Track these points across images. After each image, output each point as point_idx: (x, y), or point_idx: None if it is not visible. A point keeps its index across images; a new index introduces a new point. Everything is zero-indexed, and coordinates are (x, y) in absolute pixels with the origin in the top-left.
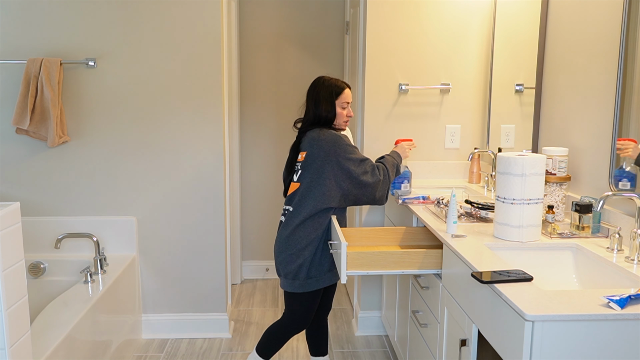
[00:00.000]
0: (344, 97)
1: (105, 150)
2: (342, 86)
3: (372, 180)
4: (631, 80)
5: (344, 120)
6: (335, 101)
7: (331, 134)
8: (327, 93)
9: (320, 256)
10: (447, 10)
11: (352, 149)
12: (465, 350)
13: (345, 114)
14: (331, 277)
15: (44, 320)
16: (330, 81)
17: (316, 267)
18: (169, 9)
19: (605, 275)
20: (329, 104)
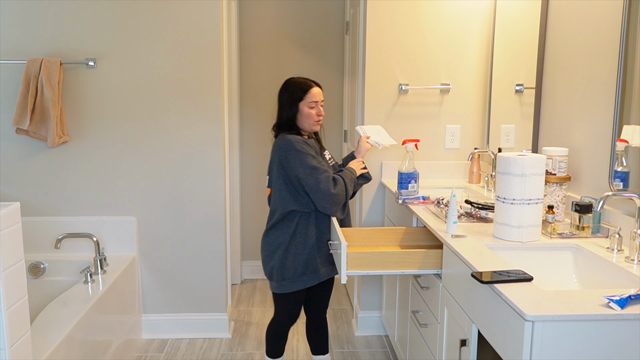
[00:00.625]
0: (311, 96)
1: (105, 150)
2: (308, 85)
3: (323, 188)
4: (631, 80)
5: (314, 120)
6: (301, 102)
7: (286, 139)
8: (290, 95)
9: (293, 259)
10: (447, 10)
11: (304, 155)
12: (465, 350)
13: (315, 113)
14: (307, 280)
15: (44, 320)
16: (297, 82)
17: (288, 269)
18: (169, 9)
19: (605, 275)
20: (290, 106)
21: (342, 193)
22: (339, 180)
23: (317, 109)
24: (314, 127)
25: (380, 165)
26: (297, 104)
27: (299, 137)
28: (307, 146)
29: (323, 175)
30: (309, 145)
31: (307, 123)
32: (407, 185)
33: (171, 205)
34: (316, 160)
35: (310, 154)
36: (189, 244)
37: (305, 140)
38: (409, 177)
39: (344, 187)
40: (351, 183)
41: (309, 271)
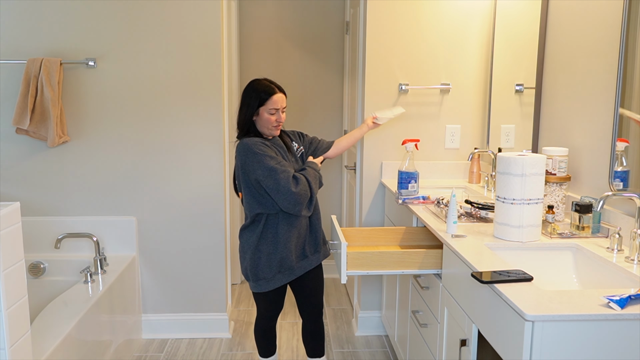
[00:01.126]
0: (272, 102)
1: (105, 150)
2: (271, 91)
3: (283, 188)
4: (631, 81)
5: (272, 126)
6: (261, 107)
7: (244, 143)
8: (249, 98)
9: (267, 259)
10: (447, 10)
11: (262, 157)
12: (465, 350)
13: (275, 119)
14: (282, 278)
15: (44, 320)
16: (261, 85)
17: (262, 269)
18: (169, 9)
19: (605, 275)
20: (248, 109)
21: (304, 191)
22: (300, 178)
23: (277, 115)
24: (273, 132)
25: (380, 165)
26: (257, 108)
27: (258, 139)
28: (265, 147)
29: (282, 175)
30: (268, 146)
31: (266, 127)
32: (407, 185)
33: (171, 205)
34: (275, 160)
35: (268, 154)
36: (189, 244)
37: (264, 142)
38: (409, 177)
39: (307, 184)
40: (315, 180)
41: (284, 269)
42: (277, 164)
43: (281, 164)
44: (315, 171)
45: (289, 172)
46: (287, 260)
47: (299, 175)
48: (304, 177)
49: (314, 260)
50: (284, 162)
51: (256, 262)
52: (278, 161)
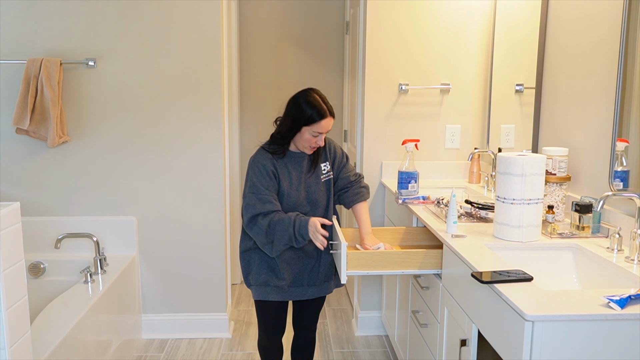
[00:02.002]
0: (319, 126)
1: (105, 150)
2: (322, 115)
3: (244, 216)
4: (631, 80)
5: (309, 146)
6: (306, 127)
7: (255, 155)
8: (297, 113)
9: (258, 266)
10: (447, 10)
11: (253, 179)
12: (465, 350)
13: (314, 141)
14: (269, 293)
15: (44, 320)
16: (312, 103)
17: (253, 275)
18: (169, 9)
19: (605, 275)
20: (294, 123)
21: (256, 237)
22: (260, 224)
23: (318, 138)
24: (305, 150)
25: (380, 165)
26: (301, 126)
27: (268, 157)
28: (266, 169)
29: (249, 207)
30: (267, 172)
31: (301, 144)
32: (407, 185)
33: (171, 205)
34: (259, 190)
35: (259, 181)
36: (189, 244)
37: (265, 167)
38: (409, 177)
39: (264, 235)
40: (281, 238)
41: (272, 284)
42: (256, 198)
43: (261, 197)
44: (291, 233)
45: (257, 210)
46: (276, 274)
47: (265, 221)
48: (267, 225)
49: (308, 292)
50: (265, 196)
51: (250, 266)
52: (260, 193)
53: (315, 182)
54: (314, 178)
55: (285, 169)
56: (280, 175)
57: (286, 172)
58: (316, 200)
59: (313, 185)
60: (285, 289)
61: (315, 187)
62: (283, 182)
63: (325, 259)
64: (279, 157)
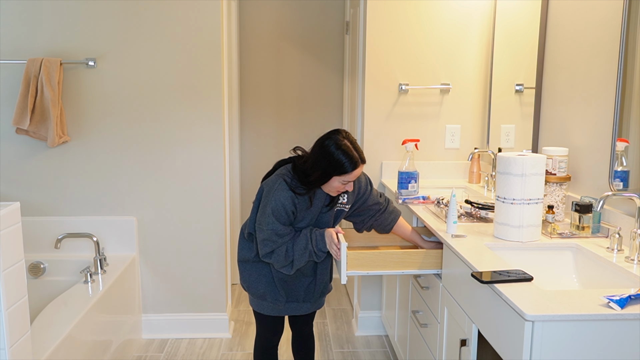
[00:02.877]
0: (350, 176)
1: (105, 150)
2: (354, 165)
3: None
4: (631, 80)
5: (336, 190)
6: (336, 176)
7: (275, 195)
8: (332, 163)
9: (256, 279)
10: (447, 10)
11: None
12: (465, 350)
13: (343, 188)
14: (267, 307)
15: (44, 320)
16: (345, 152)
17: (250, 286)
18: (169, 9)
19: (605, 275)
20: (325, 173)
21: (276, 262)
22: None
23: (347, 185)
24: (331, 194)
25: (380, 165)
26: (331, 176)
27: (284, 201)
28: (283, 213)
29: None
30: (286, 212)
31: (327, 189)
32: (407, 185)
33: (171, 205)
34: (276, 222)
35: (279, 214)
36: (189, 244)
37: (285, 207)
38: (409, 177)
39: (283, 259)
40: (301, 255)
41: (269, 299)
42: (275, 234)
43: (280, 233)
44: (310, 249)
45: (277, 244)
46: (272, 295)
47: (282, 248)
48: (285, 252)
49: (303, 307)
50: (284, 231)
51: (247, 276)
52: (279, 230)
53: (327, 213)
54: (327, 209)
55: (303, 205)
56: (298, 212)
57: (304, 207)
58: (322, 225)
59: (325, 215)
60: (281, 306)
61: (327, 216)
62: (299, 216)
63: (321, 277)
64: (301, 197)
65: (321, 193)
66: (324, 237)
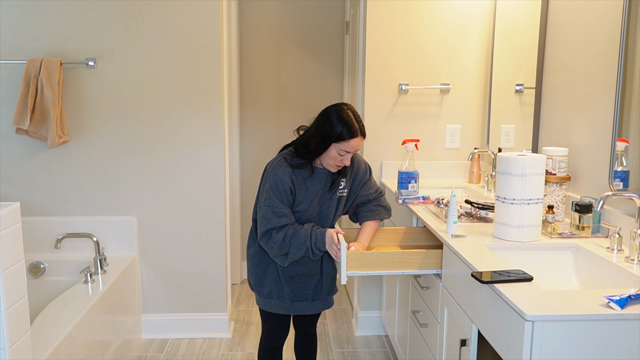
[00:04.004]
0: (348, 145)
1: (105, 150)
2: (351, 134)
3: (259, 229)
4: (631, 80)
5: (334, 163)
6: (334, 143)
7: (275, 165)
8: (331, 130)
9: (262, 276)
10: (447, 10)
11: (270, 191)
12: (465, 350)
13: (340, 160)
14: (274, 306)
15: (44, 320)
16: (345, 120)
17: (258, 284)
18: (169, 9)
19: (605, 275)
20: (324, 140)
21: (271, 250)
22: (275, 238)
23: (345, 157)
24: (330, 168)
25: (380, 165)
26: (330, 143)
27: (281, 176)
28: (284, 183)
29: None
30: (284, 187)
31: (326, 162)
32: (407, 185)
33: (171, 205)
34: (276, 203)
35: (278, 194)
36: (189, 244)
37: (283, 182)
38: (409, 177)
39: (279, 247)
40: (297, 250)
41: (275, 297)
42: (271, 211)
43: (276, 211)
44: (308, 246)
45: (273, 224)
46: (279, 288)
47: (280, 234)
48: (282, 239)
49: (312, 306)
50: (281, 210)
51: (253, 274)
52: (276, 207)
53: (330, 199)
54: (330, 193)
55: (303, 184)
56: (297, 190)
57: (304, 187)
58: (327, 214)
59: (327, 202)
60: (288, 304)
61: (329, 202)
62: (299, 196)
63: (327, 274)
64: (299, 171)
65: (322, 175)
66: (324, 237)
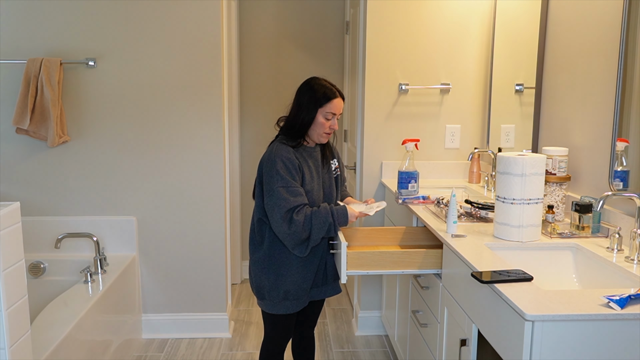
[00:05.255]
0: (332, 106)
1: (105, 150)
2: (333, 94)
3: (275, 218)
4: (631, 80)
5: (324, 132)
6: (319, 108)
7: (273, 150)
8: (307, 98)
9: (274, 281)
10: (447, 10)
11: (276, 176)
12: (465, 350)
13: (329, 125)
14: (289, 306)
15: (44, 320)
16: (321, 85)
17: (267, 290)
18: (169, 9)
19: (605, 275)
20: (309, 109)
21: (295, 234)
22: (297, 220)
23: (332, 121)
24: (322, 139)
25: (380, 165)
26: (315, 110)
27: (288, 151)
28: (289, 165)
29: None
30: (292, 165)
31: (316, 133)
32: (407, 185)
33: (171, 205)
34: (287, 185)
35: (286, 176)
36: (189, 244)
37: (290, 160)
38: (409, 177)
39: (304, 228)
40: (321, 227)
41: (292, 297)
42: (287, 191)
43: (291, 190)
44: (331, 222)
45: (291, 204)
46: (296, 288)
47: (301, 215)
48: (303, 219)
49: (323, 290)
50: (296, 189)
51: (261, 279)
52: (290, 185)
53: (329, 178)
54: (328, 174)
55: (305, 163)
56: (303, 169)
57: (306, 166)
58: (331, 194)
59: (327, 181)
60: (302, 296)
61: (329, 182)
62: (306, 175)
63: (331, 257)
64: (298, 151)
65: (314, 152)
66: (345, 211)
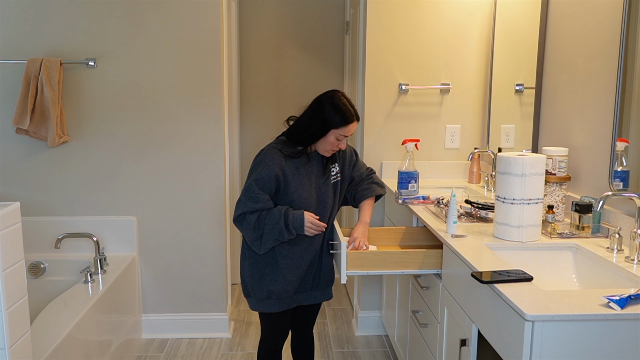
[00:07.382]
0: (346, 130)
1: (105, 150)
2: (350, 119)
3: (236, 209)
4: (631, 80)
5: (331, 149)
6: (333, 129)
7: (262, 158)
8: (329, 116)
9: (260, 279)
10: (447, 10)
11: (255, 174)
12: (465, 350)
13: (337, 144)
14: (272, 305)
15: (44, 320)
16: (342, 104)
17: (251, 286)
18: (169, 9)
19: (605, 275)
20: (322, 127)
21: (245, 232)
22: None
23: (342, 142)
24: (326, 154)
25: (380, 165)
26: (329, 129)
27: (269, 163)
28: (272, 168)
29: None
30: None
31: (322, 147)
32: (407, 185)
33: (171, 205)
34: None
35: (263, 178)
36: (189, 244)
37: (269, 171)
38: (409, 177)
39: (251, 230)
40: (271, 233)
41: (275, 297)
42: (255, 192)
43: (253, 195)
44: (282, 226)
45: (248, 207)
46: (278, 292)
47: (254, 215)
48: (256, 219)
49: (312, 296)
50: (257, 195)
51: (247, 279)
52: (254, 192)
53: (325, 184)
54: (325, 179)
55: (295, 171)
56: (289, 176)
57: (296, 173)
58: (325, 201)
59: (323, 187)
60: (286, 298)
61: (325, 188)
62: (292, 182)
63: (326, 263)
64: (292, 160)
65: (314, 161)
66: (301, 216)
